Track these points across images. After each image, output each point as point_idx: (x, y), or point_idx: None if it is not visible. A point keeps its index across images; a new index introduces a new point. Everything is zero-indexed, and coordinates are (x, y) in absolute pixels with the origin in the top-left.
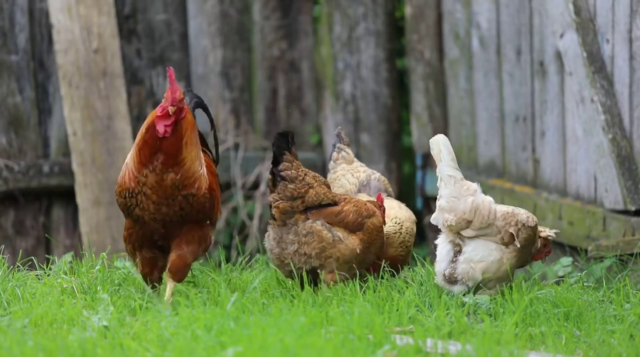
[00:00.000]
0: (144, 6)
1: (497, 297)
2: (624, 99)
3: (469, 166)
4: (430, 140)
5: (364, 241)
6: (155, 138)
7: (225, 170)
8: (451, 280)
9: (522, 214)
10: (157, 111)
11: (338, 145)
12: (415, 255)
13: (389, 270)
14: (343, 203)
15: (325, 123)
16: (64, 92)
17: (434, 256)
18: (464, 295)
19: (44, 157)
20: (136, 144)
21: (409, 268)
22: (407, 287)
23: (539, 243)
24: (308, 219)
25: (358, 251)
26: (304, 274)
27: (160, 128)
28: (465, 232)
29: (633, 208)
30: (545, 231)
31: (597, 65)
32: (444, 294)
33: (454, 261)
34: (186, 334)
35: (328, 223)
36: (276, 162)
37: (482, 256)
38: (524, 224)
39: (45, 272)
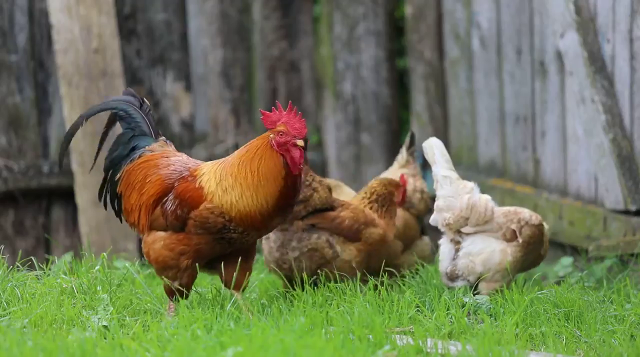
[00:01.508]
0: (144, 6)
1: (497, 297)
2: (624, 99)
3: (469, 166)
4: (423, 144)
5: (362, 252)
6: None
7: None
8: (452, 277)
9: (525, 212)
10: (293, 150)
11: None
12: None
13: None
14: (340, 208)
15: (325, 123)
16: (63, 92)
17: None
18: (464, 294)
19: (43, 157)
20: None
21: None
22: (407, 287)
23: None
24: (306, 225)
25: (354, 264)
26: (305, 276)
27: (295, 168)
28: (464, 229)
29: (634, 208)
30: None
31: (598, 65)
32: (444, 294)
33: (454, 258)
34: (186, 334)
35: (324, 229)
36: None
37: (481, 248)
38: (527, 222)
39: (44, 273)
